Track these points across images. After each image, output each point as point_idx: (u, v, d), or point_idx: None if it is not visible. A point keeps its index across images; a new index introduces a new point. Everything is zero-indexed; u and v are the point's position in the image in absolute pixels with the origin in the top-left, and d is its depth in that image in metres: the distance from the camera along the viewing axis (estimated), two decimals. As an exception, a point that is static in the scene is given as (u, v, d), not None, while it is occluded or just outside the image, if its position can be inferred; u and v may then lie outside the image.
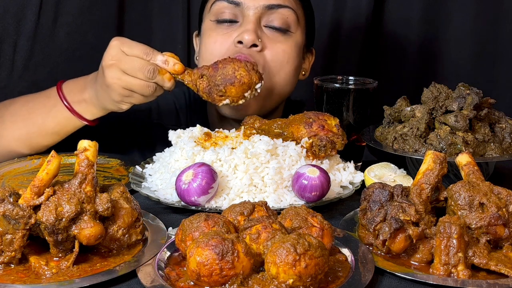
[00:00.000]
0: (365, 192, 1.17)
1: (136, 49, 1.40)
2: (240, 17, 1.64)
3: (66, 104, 1.52)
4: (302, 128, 1.42)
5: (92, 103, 1.51)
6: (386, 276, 1.05)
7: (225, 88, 1.41)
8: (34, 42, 2.09)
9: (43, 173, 1.04)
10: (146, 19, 2.30)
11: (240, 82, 1.41)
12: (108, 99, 1.46)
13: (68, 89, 1.54)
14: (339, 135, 1.42)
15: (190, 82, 1.44)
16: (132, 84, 1.40)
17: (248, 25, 1.61)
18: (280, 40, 1.65)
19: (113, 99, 1.44)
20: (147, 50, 1.41)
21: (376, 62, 2.39)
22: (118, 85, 1.40)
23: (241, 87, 1.42)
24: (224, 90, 1.42)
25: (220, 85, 1.42)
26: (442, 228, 1.03)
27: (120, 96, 1.43)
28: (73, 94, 1.53)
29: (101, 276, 1.01)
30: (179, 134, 1.47)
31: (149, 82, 1.40)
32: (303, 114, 1.47)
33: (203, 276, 0.94)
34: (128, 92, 1.42)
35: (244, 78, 1.41)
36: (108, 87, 1.42)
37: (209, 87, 1.43)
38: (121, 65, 1.39)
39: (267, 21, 1.64)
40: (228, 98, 1.43)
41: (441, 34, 2.33)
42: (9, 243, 1.03)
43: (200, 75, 1.44)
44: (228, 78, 1.41)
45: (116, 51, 1.41)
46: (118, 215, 1.09)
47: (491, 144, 1.42)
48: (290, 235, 0.95)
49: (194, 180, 1.25)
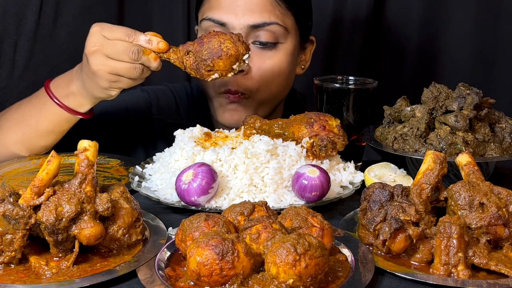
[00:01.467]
0: (365, 192, 1.17)
1: (118, 32, 1.37)
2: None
3: (55, 101, 1.51)
4: (303, 128, 1.43)
5: (81, 94, 1.48)
6: (386, 276, 1.05)
7: (212, 62, 1.37)
8: (34, 42, 2.09)
9: (43, 173, 1.04)
10: (146, 19, 2.30)
11: (227, 55, 1.37)
12: (96, 87, 1.42)
13: (55, 85, 1.53)
14: (340, 135, 1.42)
15: (177, 60, 1.40)
16: (118, 68, 1.37)
17: None
18: (268, 56, 1.65)
19: (101, 86, 1.41)
20: (129, 32, 1.37)
21: (376, 62, 2.39)
22: (104, 71, 1.37)
23: (228, 59, 1.37)
24: (212, 64, 1.37)
25: (208, 59, 1.37)
26: (442, 228, 1.03)
27: (107, 82, 1.39)
28: (60, 89, 1.51)
29: (101, 276, 1.01)
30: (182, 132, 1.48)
31: (135, 64, 1.36)
32: (305, 114, 1.47)
33: (203, 276, 0.94)
34: (115, 77, 1.38)
35: (231, 50, 1.37)
36: (94, 74, 1.38)
37: (196, 63, 1.38)
38: (104, 50, 1.36)
39: (254, 37, 1.63)
40: (217, 72, 1.38)
41: (441, 34, 2.33)
42: (9, 243, 1.03)
43: (186, 51, 1.39)
44: (214, 51, 1.37)
45: (97, 37, 1.38)
46: (118, 215, 1.09)
47: (491, 144, 1.42)
48: (290, 235, 0.95)
49: (194, 180, 1.25)
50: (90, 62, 1.38)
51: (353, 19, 2.34)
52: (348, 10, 2.33)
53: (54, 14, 2.10)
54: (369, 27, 2.34)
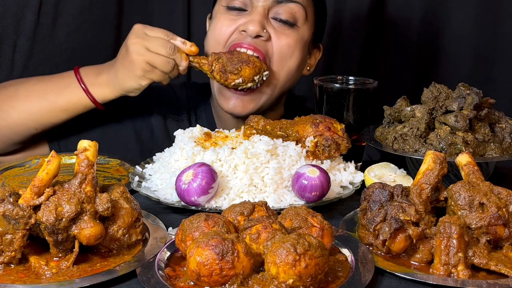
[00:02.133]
0: (365, 192, 1.17)
1: (158, 31, 1.57)
2: (250, 6, 1.67)
3: (82, 85, 1.63)
4: (308, 127, 1.44)
5: (108, 85, 1.62)
6: (386, 276, 1.05)
7: (241, 67, 1.58)
8: (34, 42, 2.09)
9: (43, 173, 1.04)
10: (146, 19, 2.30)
11: (253, 65, 1.60)
12: (129, 75, 1.57)
13: (84, 72, 1.65)
14: (344, 138, 1.43)
15: (206, 64, 1.60)
16: (154, 59, 1.54)
17: (255, 16, 1.64)
18: (285, 33, 1.67)
19: (135, 74, 1.56)
20: (168, 33, 1.58)
21: (376, 62, 2.39)
22: (142, 60, 1.54)
23: (253, 69, 1.60)
24: (240, 69, 1.58)
25: (237, 64, 1.59)
26: (442, 228, 1.03)
27: (142, 70, 1.55)
28: (89, 77, 1.64)
29: (101, 276, 1.01)
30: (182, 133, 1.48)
31: (169, 58, 1.55)
32: (310, 115, 1.48)
33: (203, 276, 0.94)
34: (150, 67, 1.55)
35: (257, 62, 1.61)
36: (131, 62, 1.55)
37: (224, 67, 1.60)
38: (145, 42, 1.54)
39: (275, 13, 1.67)
40: (241, 78, 1.59)
41: (441, 34, 2.34)
42: (9, 243, 1.03)
43: (217, 57, 1.61)
44: (244, 60, 1.60)
45: (139, 32, 1.56)
46: (118, 215, 1.09)
47: (491, 144, 1.42)
48: (290, 235, 0.95)
49: (194, 180, 1.25)
50: (130, 51, 1.55)
51: (354, 19, 2.34)
52: (349, 11, 2.34)
53: (53, 14, 2.10)
54: (369, 27, 2.34)
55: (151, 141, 1.83)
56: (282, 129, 1.46)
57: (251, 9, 1.66)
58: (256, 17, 1.64)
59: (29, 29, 2.07)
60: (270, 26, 1.66)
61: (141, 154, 1.80)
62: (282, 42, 1.67)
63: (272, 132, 1.46)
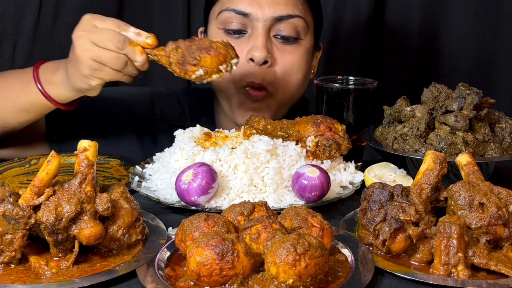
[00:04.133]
0: (365, 192, 1.17)
1: (109, 22, 1.36)
2: (249, 27, 1.62)
3: (37, 85, 1.48)
4: (309, 127, 1.43)
5: (62, 84, 1.46)
6: (386, 276, 1.05)
7: (200, 55, 1.34)
8: (34, 42, 2.09)
9: (43, 173, 1.04)
10: (146, 19, 2.30)
11: (216, 52, 1.34)
12: (77, 74, 1.39)
13: (44, 68, 1.51)
14: (345, 139, 1.43)
15: (163, 56, 1.36)
16: (101, 55, 1.33)
17: (257, 40, 1.60)
18: (289, 51, 1.65)
19: (82, 73, 1.37)
20: (119, 23, 1.36)
21: (376, 62, 2.39)
22: (87, 56, 1.34)
23: (216, 57, 1.34)
24: (199, 58, 1.34)
25: (195, 52, 1.34)
26: (442, 228, 1.03)
27: (89, 68, 1.35)
28: (46, 75, 1.49)
29: (101, 276, 1.01)
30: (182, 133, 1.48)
31: (119, 54, 1.33)
32: (311, 116, 1.48)
33: (203, 276, 0.94)
34: (97, 65, 1.35)
35: (221, 49, 1.35)
36: (77, 59, 1.36)
37: (183, 58, 1.35)
38: (91, 36, 1.34)
39: (276, 30, 1.63)
40: (202, 68, 1.35)
41: (441, 34, 2.34)
42: (9, 243, 1.03)
43: (175, 47, 1.37)
44: (204, 47, 1.35)
45: (87, 23, 1.37)
46: (118, 215, 1.09)
47: (491, 144, 1.42)
48: (290, 235, 0.95)
49: (194, 180, 1.25)
50: (75, 46, 1.36)
51: (354, 19, 2.34)
52: (349, 11, 2.33)
53: (53, 14, 2.10)
54: (370, 27, 2.34)
55: (154, 147, 1.82)
56: (283, 129, 1.46)
57: (251, 31, 1.62)
58: (259, 41, 1.59)
59: (29, 29, 2.07)
60: (273, 46, 1.63)
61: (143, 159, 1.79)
62: (287, 63, 1.64)
63: (272, 132, 1.46)
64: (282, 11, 1.61)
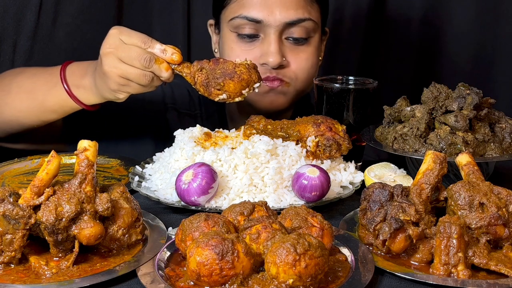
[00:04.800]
0: (365, 192, 1.17)
1: (135, 37, 1.38)
2: (262, 31, 1.65)
3: (65, 87, 1.52)
4: (310, 127, 1.44)
5: (91, 90, 1.49)
6: (386, 276, 1.05)
7: (223, 82, 1.37)
8: (34, 42, 2.09)
9: (43, 173, 1.04)
10: (146, 19, 2.30)
11: (239, 78, 1.38)
12: (105, 87, 1.43)
13: (71, 71, 1.54)
14: (345, 139, 1.44)
15: (188, 75, 1.40)
16: (128, 73, 1.37)
17: (271, 46, 1.63)
18: (301, 50, 1.69)
19: (109, 88, 1.41)
20: (146, 39, 1.38)
21: (376, 62, 2.39)
22: (114, 73, 1.38)
23: (239, 83, 1.38)
24: (223, 84, 1.38)
25: (219, 78, 1.38)
26: (442, 228, 1.03)
27: (116, 84, 1.40)
28: (74, 78, 1.52)
29: (101, 276, 1.01)
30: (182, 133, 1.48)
31: (145, 71, 1.36)
32: (312, 116, 1.49)
33: (203, 276, 0.94)
34: (125, 81, 1.39)
35: (244, 75, 1.38)
36: (105, 75, 1.39)
37: (207, 80, 1.39)
38: (118, 53, 1.37)
39: (288, 34, 1.67)
40: (225, 93, 1.39)
41: (441, 34, 2.33)
42: (9, 243, 1.03)
43: (200, 68, 1.40)
44: (228, 72, 1.38)
45: (114, 39, 1.38)
46: (118, 215, 1.09)
47: (491, 144, 1.42)
48: (290, 235, 0.95)
49: (194, 180, 1.25)
50: (102, 63, 1.39)
51: (354, 18, 2.34)
52: (349, 10, 2.33)
53: (53, 14, 2.10)
54: (369, 27, 2.34)
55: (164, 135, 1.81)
56: (283, 129, 1.47)
57: (264, 36, 1.65)
58: (273, 47, 1.63)
59: (29, 29, 2.07)
60: (286, 49, 1.66)
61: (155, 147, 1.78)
62: (301, 60, 1.69)
63: (273, 132, 1.46)
64: (293, 15, 1.64)
